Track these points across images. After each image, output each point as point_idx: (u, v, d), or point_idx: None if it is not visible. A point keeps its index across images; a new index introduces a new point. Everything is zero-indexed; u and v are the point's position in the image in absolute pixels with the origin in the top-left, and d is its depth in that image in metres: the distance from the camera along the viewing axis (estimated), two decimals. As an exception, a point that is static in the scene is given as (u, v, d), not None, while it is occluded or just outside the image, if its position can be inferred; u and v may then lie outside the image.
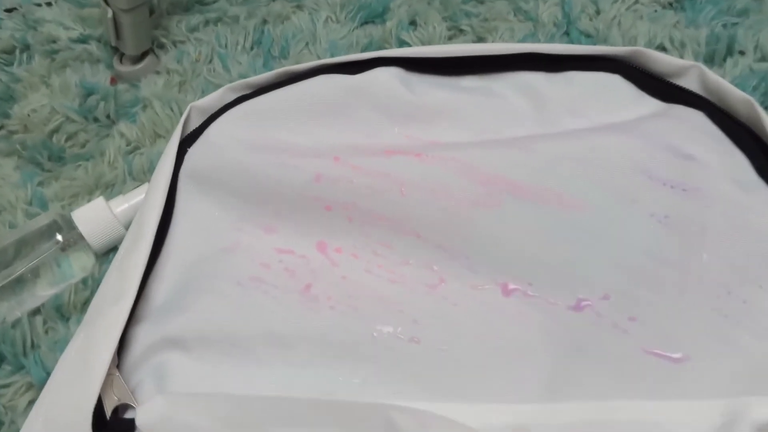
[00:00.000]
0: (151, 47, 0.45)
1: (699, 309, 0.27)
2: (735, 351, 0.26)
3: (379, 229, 0.30)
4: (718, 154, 0.30)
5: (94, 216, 0.35)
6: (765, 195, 0.29)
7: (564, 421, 0.25)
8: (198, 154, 0.32)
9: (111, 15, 0.42)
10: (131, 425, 0.26)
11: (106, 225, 0.35)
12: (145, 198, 0.32)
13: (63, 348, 0.32)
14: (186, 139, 0.33)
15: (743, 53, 0.40)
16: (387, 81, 0.32)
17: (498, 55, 0.33)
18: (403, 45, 0.44)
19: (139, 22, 0.43)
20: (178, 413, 0.25)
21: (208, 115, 0.34)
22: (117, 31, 0.43)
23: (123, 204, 0.36)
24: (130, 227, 0.32)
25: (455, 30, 0.45)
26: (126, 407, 0.27)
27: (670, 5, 0.44)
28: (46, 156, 0.41)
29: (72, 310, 0.35)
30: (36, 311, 0.35)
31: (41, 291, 0.35)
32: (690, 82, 0.32)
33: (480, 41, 0.44)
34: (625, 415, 0.25)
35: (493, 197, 0.29)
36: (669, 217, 0.29)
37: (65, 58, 0.46)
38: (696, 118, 0.31)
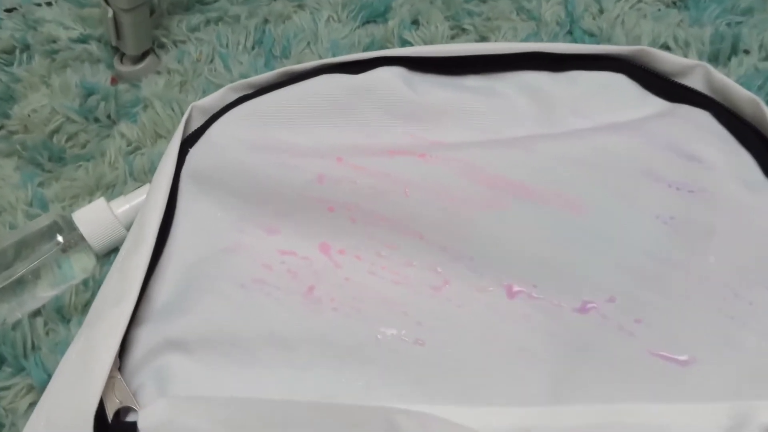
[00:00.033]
0: (152, 47, 0.45)
1: (705, 311, 0.27)
2: (742, 353, 0.26)
3: (383, 230, 0.30)
4: (724, 154, 0.29)
5: (94, 217, 0.35)
6: (771, 196, 0.28)
7: (569, 425, 0.25)
8: (199, 154, 0.32)
9: (111, 15, 0.42)
10: (133, 428, 0.25)
11: (107, 226, 0.35)
12: (147, 199, 0.31)
13: (64, 350, 0.32)
14: (187, 140, 0.33)
15: (748, 52, 0.40)
16: (389, 80, 0.32)
17: (501, 55, 0.33)
18: (406, 44, 0.44)
19: (140, 21, 0.42)
20: (180, 417, 0.25)
21: (209, 115, 0.34)
22: (117, 31, 0.43)
23: (124, 205, 0.36)
24: (131, 228, 0.31)
25: (458, 29, 0.45)
26: (128, 410, 0.27)
27: (673, 4, 0.44)
28: (46, 156, 0.41)
29: (73, 311, 0.35)
30: (37, 313, 0.35)
31: (42, 292, 0.35)
32: (695, 81, 0.32)
33: (483, 40, 0.44)
34: (631, 419, 0.25)
35: (498, 198, 0.29)
36: (675, 219, 0.28)
37: (65, 58, 0.46)
38: (702, 117, 0.31)
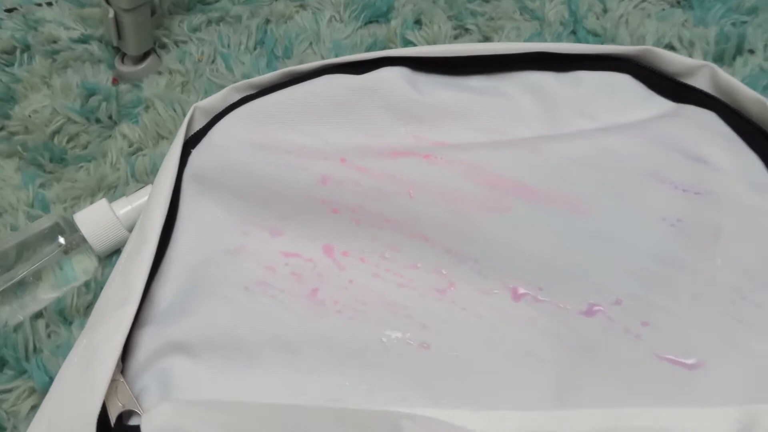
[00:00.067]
0: (153, 47, 0.45)
1: (713, 314, 0.26)
2: (750, 356, 0.26)
3: (387, 232, 0.29)
4: (730, 155, 0.29)
5: (96, 218, 0.35)
6: (779, 197, 0.28)
7: (575, 429, 0.25)
8: (202, 155, 0.32)
9: (112, 15, 0.41)
10: (136, 432, 0.25)
11: (108, 227, 0.35)
12: (149, 200, 0.31)
13: (66, 352, 0.32)
14: (190, 140, 0.33)
15: (753, 52, 0.40)
16: (393, 81, 0.32)
17: (505, 55, 0.33)
18: (408, 44, 0.44)
19: (141, 21, 0.42)
20: (184, 421, 0.25)
21: (211, 116, 0.33)
22: (118, 31, 0.42)
23: (126, 206, 0.36)
24: (133, 230, 0.31)
25: (461, 29, 0.44)
26: (130, 413, 0.27)
27: (678, 3, 0.43)
28: (47, 157, 0.41)
29: (75, 313, 0.34)
30: (38, 315, 0.34)
31: (43, 294, 0.35)
32: (701, 81, 0.32)
33: (486, 40, 0.43)
34: (638, 422, 0.25)
35: (502, 200, 0.29)
36: (681, 221, 0.28)
37: (66, 58, 0.46)
38: (708, 118, 0.31)
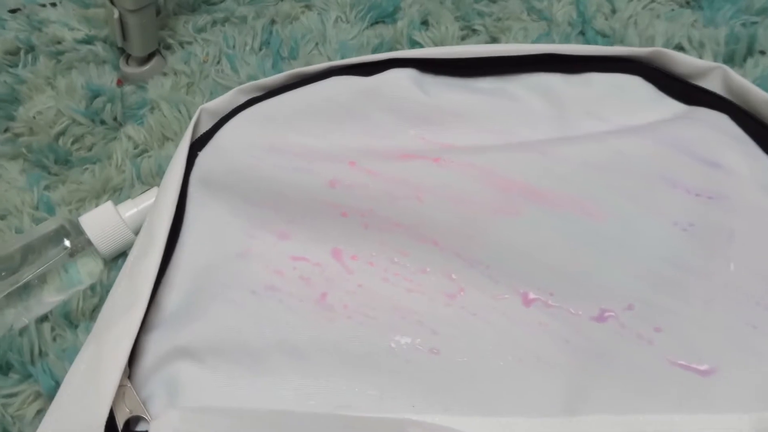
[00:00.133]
0: (158, 48, 0.45)
1: (726, 319, 0.26)
2: (764, 362, 0.25)
3: (396, 236, 0.29)
4: (743, 158, 0.29)
5: (102, 221, 0.35)
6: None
7: (587, 435, 0.25)
8: (209, 157, 0.32)
9: (117, 16, 0.41)
10: (143, 439, 0.25)
11: (114, 230, 0.35)
12: (155, 203, 0.31)
13: (71, 356, 0.32)
14: (196, 143, 0.32)
15: (764, 53, 0.40)
16: (401, 82, 0.32)
17: (514, 56, 0.32)
18: (415, 45, 0.43)
19: (146, 22, 0.42)
20: (191, 428, 0.25)
21: (218, 118, 0.33)
22: (123, 32, 0.42)
23: (132, 208, 0.35)
24: (139, 233, 0.31)
25: (468, 30, 0.44)
26: (138, 419, 0.26)
27: (687, 4, 0.43)
28: (52, 159, 0.40)
29: (80, 317, 0.34)
30: (44, 318, 0.34)
31: (48, 297, 0.34)
32: (713, 83, 0.31)
33: (493, 41, 0.43)
34: (650, 429, 0.25)
35: (513, 204, 0.29)
36: (694, 225, 0.28)
37: (71, 59, 0.45)
38: (720, 120, 0.30)
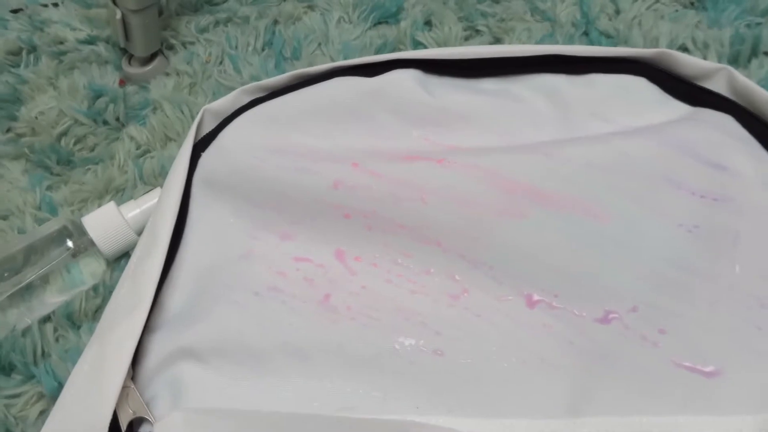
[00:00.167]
0: (161, 48, 0.45)
1: (731, 321, 0.26)
2: (769, 364, 0.25)
3: (400, 238, 0.29)
4: (748, 160, 0.29)
5: (104, 221, 0.35)
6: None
7: (591, 437, 0.25)
8: (212, 158, 0.32)
9: (119, 16, 0.41)
10: (147, 440, 0.25)
11: (117, 231, 0.35)
12: (158, 204, 0.31)
13: (74, 356, 0.32)
14: (199, 143, 0.32)
15: (768, 54, 0.39)
16: (405, 83, 0.32)
17: (518, 57, 0.32)
18: (418, 46, 0.43)
19: (148, 23, 0.42)
20: (195, 430, 0.24)
21: (221, 119, 0.33)
22: (126, 32, 0.42)
23: (134, 209, 0.35)
24: (142, 234, 0.31)
25: (471, 30, 0.44)
26: (141, 421, 0.26)
27: (691, 4, 0.43)
28: (54, 160, 0.40)
29: (83, 317, 0.34)
30: (46, 319, 0.34)
31: (51, 298, 0.34)
32: (718, 84, 0.31)
33: (496, 42, 0.43)
34: (655, 431, 0.25)
35: (517, 206, 0.28)
36: (699, 227, 0.28)
37: (73, 59, 0.45)
38: (725, 122, 0.30)
